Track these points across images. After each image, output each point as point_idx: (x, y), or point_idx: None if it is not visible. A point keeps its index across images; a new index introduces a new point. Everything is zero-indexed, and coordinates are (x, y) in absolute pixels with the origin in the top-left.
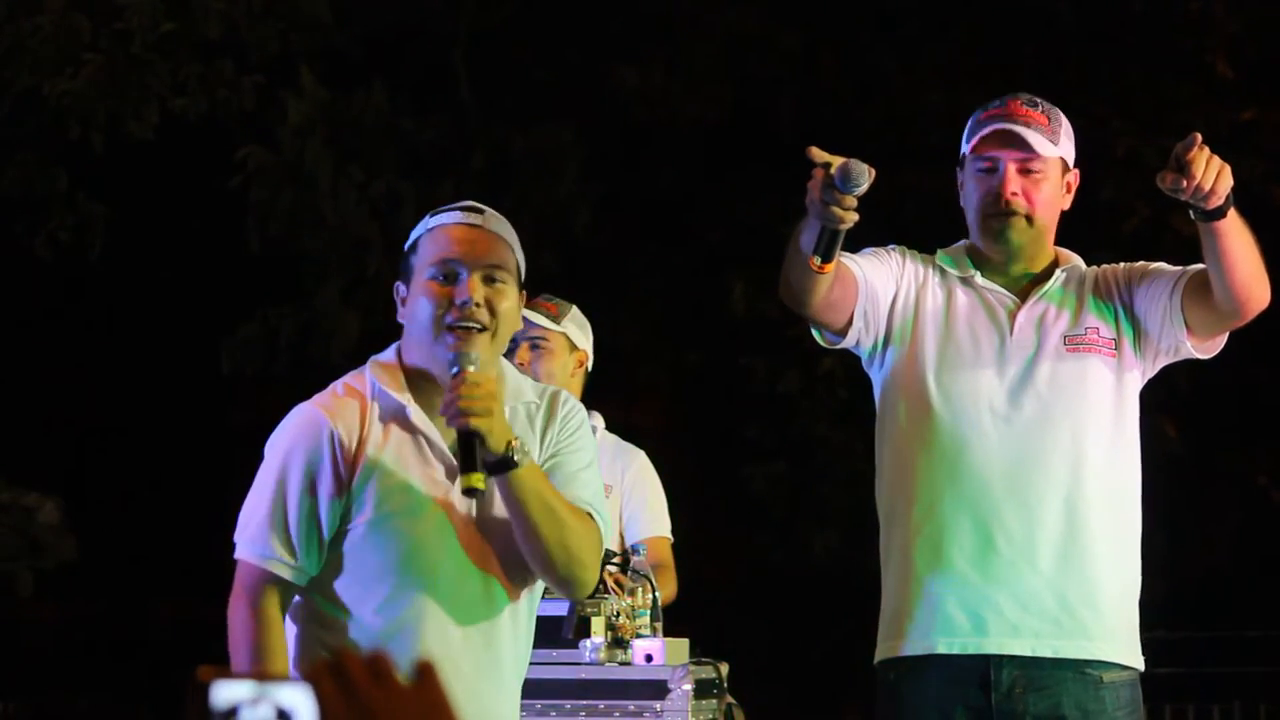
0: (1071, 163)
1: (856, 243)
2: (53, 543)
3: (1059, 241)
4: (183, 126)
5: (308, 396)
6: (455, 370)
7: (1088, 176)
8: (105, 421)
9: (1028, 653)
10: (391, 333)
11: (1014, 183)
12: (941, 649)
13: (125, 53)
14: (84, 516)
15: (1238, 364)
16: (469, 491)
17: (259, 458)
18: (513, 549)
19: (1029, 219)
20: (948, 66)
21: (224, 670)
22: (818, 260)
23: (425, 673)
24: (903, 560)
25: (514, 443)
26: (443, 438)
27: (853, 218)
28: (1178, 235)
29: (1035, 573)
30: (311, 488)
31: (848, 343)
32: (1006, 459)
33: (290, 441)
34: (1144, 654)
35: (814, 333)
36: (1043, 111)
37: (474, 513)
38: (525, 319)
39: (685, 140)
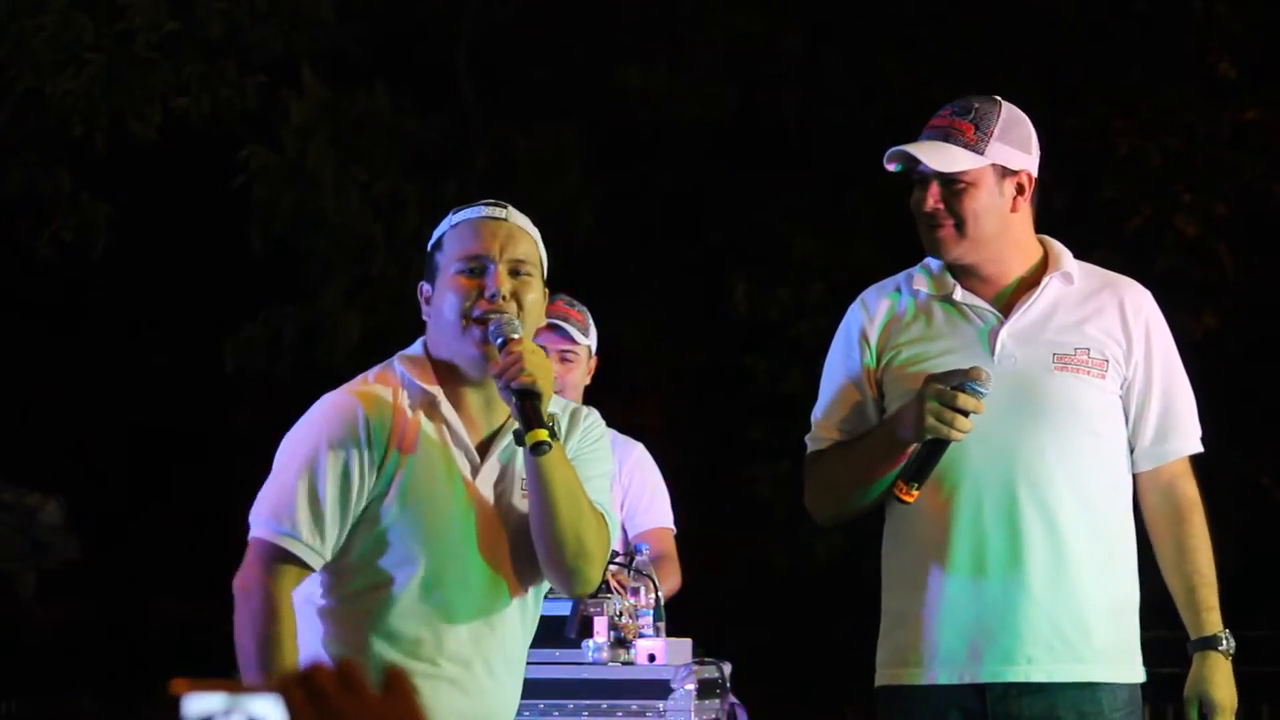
0: (1016, 165)
1: (864, 241)
2: (55, 543)
3: (1063, 240)
4: (185, 126)
5: (311, 397)
6: (500, 340)
7: (1090, 176)
8: (108, 421)
9: (1022, 679)
10: (394, 331)
11: (933, 198)
12: (942, 679)
13: (128, 52)
14: (86, 516)
15: (1240, 363)
16: (537, 447)
17: (263, 457)
18: (527, 543)
19: (958, 228)
20: (950, 66)
21: (198, 682)
22: (910, 486)
23: (396, 681)
24: (901, 587)
25: (554, 417)
26: (467, 432)
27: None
28: (1179, 235)
29: (1026, 598)
30: (344, 472)
31: None
32: (994, 484)
33: (322, 426)
34: (1145, 654)
35: None
36: (972, 119)
37: (494, 504)
38: (561, 330)
39: (688, 140)
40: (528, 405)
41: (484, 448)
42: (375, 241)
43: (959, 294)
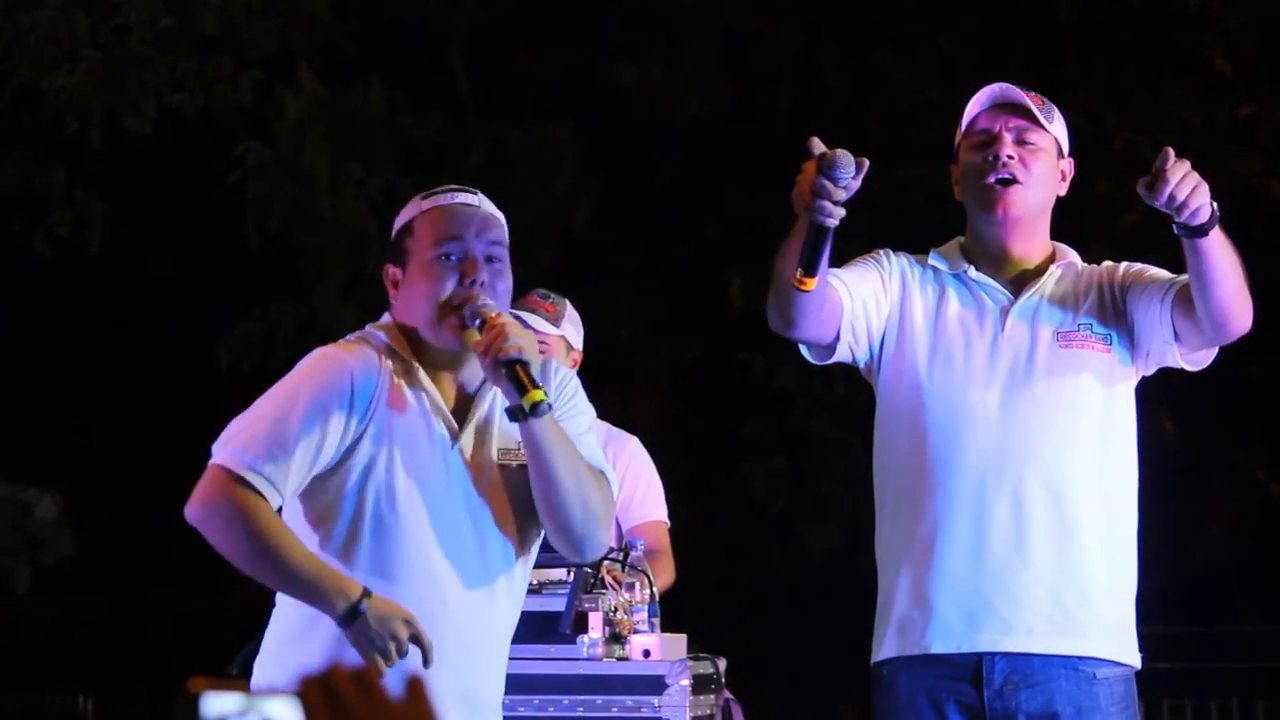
0: (1066, 151)
1: (855, 238)
2: (51, 538)
3: (1056, 237)
4: (181, 122)
5: None
6: (479, 321)
7: (1085, 172)
8: (103, 416)
9: (1020, 649)
10: None
11: (1010, 147)
12: (937, 649)
13: (123, 48)
14: (82, 511)
15: (1235, 358)
16: (536, 408)
17: None
18: (509, 514)
19: (1025, 185)
20: (945, 62)
21: (215, 682)
22: (799, 273)
23: (413, 689)
24: (898, 559)
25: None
26: (444, 399)
27: (839, 213)
28: (1174, 231)
29: (1027, 568)
30: (320, 418)
31: (838, 358)
32: (998, 456)
33: (308, 372)
34: (1141, 649)
35: (802, 350)
36: (1037, 95)
37: (475, 473)
38: (526, 324)
39: (683, 136)
40: (519, 370)
41: (461, 414)
42: (370, 237)
43: (972, 272)
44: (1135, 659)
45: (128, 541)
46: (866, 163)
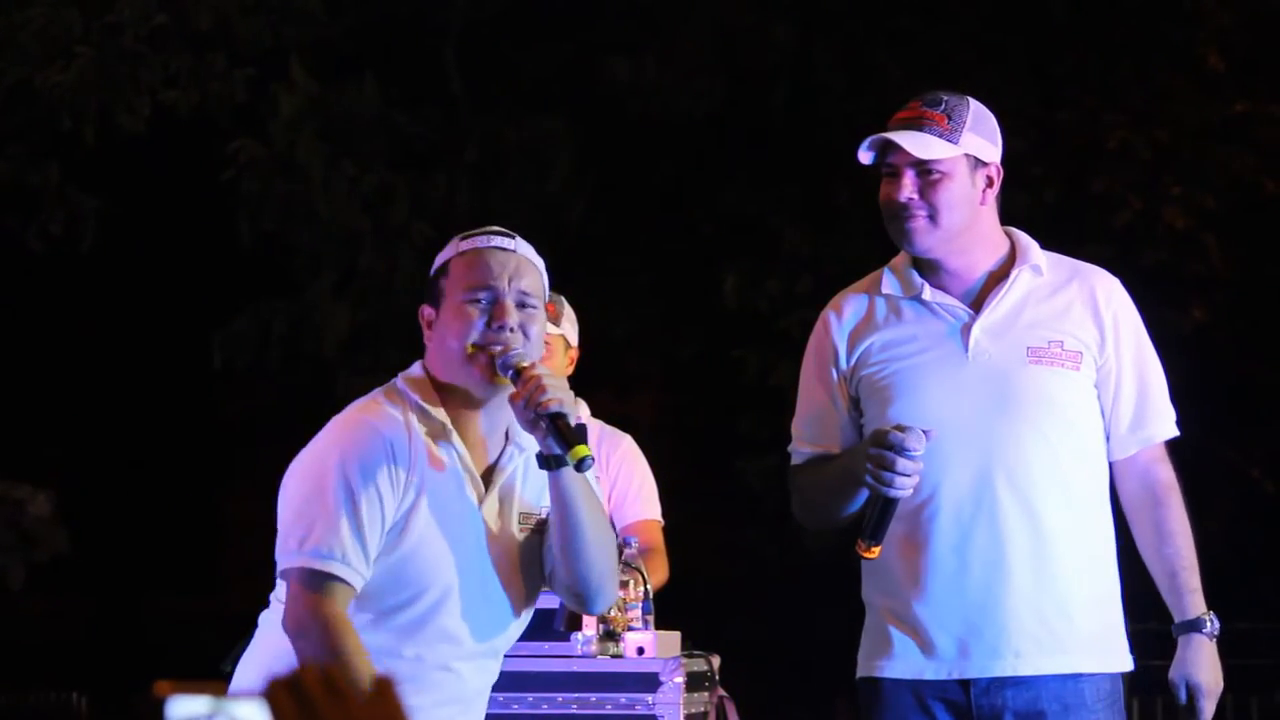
0: (987, 157)
1: (854, 236)
2: (44, 535)
3: (1052, 235)
4: (174, 120)
5: (299, 390)
6: (511, 372)
7: (1080, 170)
8: (97, 414)
9: (1009, 673)
10: (382, 324)
11: (908, 188)
12: (929, 676)
13: (116, 45)
14: (76, 509)
15: (1230, 356)
16: (581, 464)
17: (251, 451)
18: (519, 576)
19: (932, 219)
20: (941, 59)
21: (182, 685)
22: (868, 544)
23: (382, 688)
24: (885, 582)
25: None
26: (472, 460)
27: (914, 483)
28: (1170, 228)
29: (1010, 591)
30: (377, 493)
31: None
32: (973, 480)
33: (348, 447)
34: (1137, 646)
35: None
36: (944, 110)
37: (499, 534)
38: None
39: (678, 132)
40: (561, 425)
41: (486, 477)
42: (364, 235)
43: (928, 293)
44: (1123, 665)
45: (121, 538)
46: (934, 431)
